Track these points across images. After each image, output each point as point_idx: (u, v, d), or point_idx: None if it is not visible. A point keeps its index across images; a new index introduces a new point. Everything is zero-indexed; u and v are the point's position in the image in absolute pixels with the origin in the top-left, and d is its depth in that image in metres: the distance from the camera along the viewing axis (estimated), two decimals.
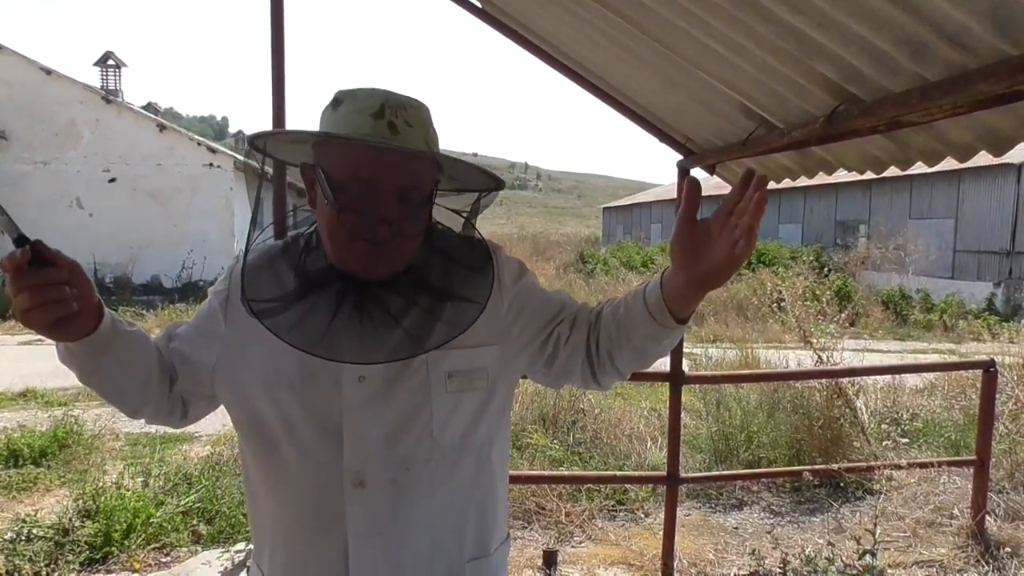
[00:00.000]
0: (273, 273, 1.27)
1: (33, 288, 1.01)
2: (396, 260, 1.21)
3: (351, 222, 1.17)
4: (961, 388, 6.95)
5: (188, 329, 1.35)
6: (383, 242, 1.17)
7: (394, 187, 1.16)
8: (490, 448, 1.33)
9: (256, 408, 1.26)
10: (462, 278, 1.26)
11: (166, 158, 18.49)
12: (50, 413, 6.51)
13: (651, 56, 2.77)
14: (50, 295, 1.02)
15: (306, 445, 1.23)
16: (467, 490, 1.29)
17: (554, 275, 20.68)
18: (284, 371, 1.23)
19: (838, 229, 24.63)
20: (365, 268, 1.20)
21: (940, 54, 1.63)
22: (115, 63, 19.76)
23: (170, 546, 4.14)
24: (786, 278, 8.95)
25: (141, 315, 13.88)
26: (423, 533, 1.25)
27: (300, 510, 1.25)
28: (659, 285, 1.19)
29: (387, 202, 1.16)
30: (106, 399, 1.26)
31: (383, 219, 1.15)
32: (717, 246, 1.07)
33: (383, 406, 1.22)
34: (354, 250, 1.19)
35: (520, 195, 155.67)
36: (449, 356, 1.24)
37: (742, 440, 5.61)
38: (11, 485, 5.01)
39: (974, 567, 4.04)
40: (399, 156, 1.16)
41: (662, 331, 1.21)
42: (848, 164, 2.76)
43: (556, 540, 4.37)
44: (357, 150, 1.17)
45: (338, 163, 1.18)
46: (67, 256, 1.05)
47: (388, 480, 1.22)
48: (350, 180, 1.16)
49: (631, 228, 42.00)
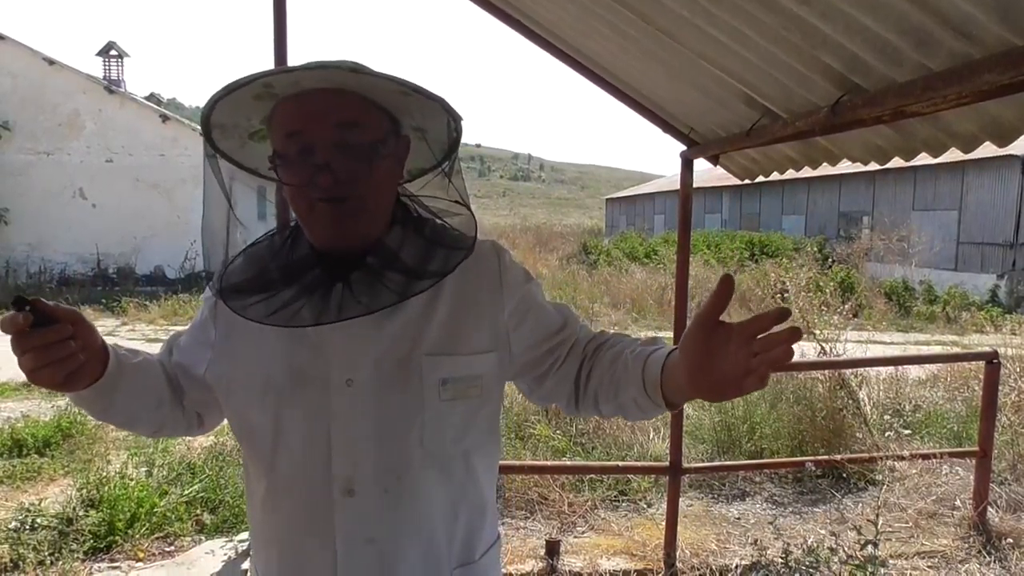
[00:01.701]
0: (253, 266, 1.25)
1: (38, 349, 1.00)
2: (361, 220, 1.17)
3: (291, 178, 1.14)
4: (964, 380, 6.96)
5: (187, 340, 1.35)
6: (335, 196, 1.13)
7: (327, 132, 1.12)
8: (481, 454, 1.31)
9: (247, 413, 1.25)
10: (438, 255, 1.21)
11: (169, 149, 18.47)
12: (53, 403, 6.53)
13: (654, 46, 2.76)
14: (56, 354, 1.02)
15: (295, 452, 1.21)
16: (457, 497, 1.27)
17: (557, 266, 20.67)
18: (272, 376, 1.21)
19: (841, 220, 24.57)
20: (331, 232, 1.16)
21: (945, 44, 1.62)
22: (117, 53, 19.72)
23: (174, 535, 4.16)
24: (789, 269, 8.93)
25: (144, 306, 13.91)
26: (414, 541, 1.23)
27: (292, 517, 1.24)
28: (661, 365, 1.14)
29: (321, 145, 1.12)
30: (122, 429, 1.28)
31: (320, 166, 1.11)
32: (729, 364, 0.98)
33: (373, 413, 1.19)
34: (316, 216, 1.16)
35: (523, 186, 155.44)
36: (444, 363, 1.21)
37: (744, 431, 5.62)
38: (15, 475, 5.03)
39: (976, 558, 4.04)
40: (321, 98, 1.11)
41: (649, 404, 1.18)
42: (852, 155, 2.76)
43: (559, 530, 4.39)
44: (283, 111, 1.14)
45: (276, 134, 1.16)
46: (66, 307, 1.04)
47: (378, 488, 1.20)
48: (285, 142, 1.14)
49: (634, 219, 41.97)
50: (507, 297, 1.28)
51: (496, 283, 1.28)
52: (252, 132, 1.24)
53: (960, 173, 19.34)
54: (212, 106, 1.14)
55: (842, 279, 13.98)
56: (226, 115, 1.18)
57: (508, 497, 4.70)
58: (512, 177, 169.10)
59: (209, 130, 1.20)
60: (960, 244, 19.57)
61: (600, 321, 12.38)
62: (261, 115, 1.19)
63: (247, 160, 1.30)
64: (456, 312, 1.24)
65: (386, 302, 1.14)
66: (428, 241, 1.24)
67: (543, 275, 17.67)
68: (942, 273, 19.03)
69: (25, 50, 17.96)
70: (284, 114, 1.14)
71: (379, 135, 1.17)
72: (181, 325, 12.94)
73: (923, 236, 18.73)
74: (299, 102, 1.13)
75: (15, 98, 17.73)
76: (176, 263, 18.17)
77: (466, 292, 1.25)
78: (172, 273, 18.12)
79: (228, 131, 1.23)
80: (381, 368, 1.19)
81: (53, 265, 17.81)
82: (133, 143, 18.28)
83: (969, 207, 19.34)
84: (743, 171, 3.71)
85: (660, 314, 13.71)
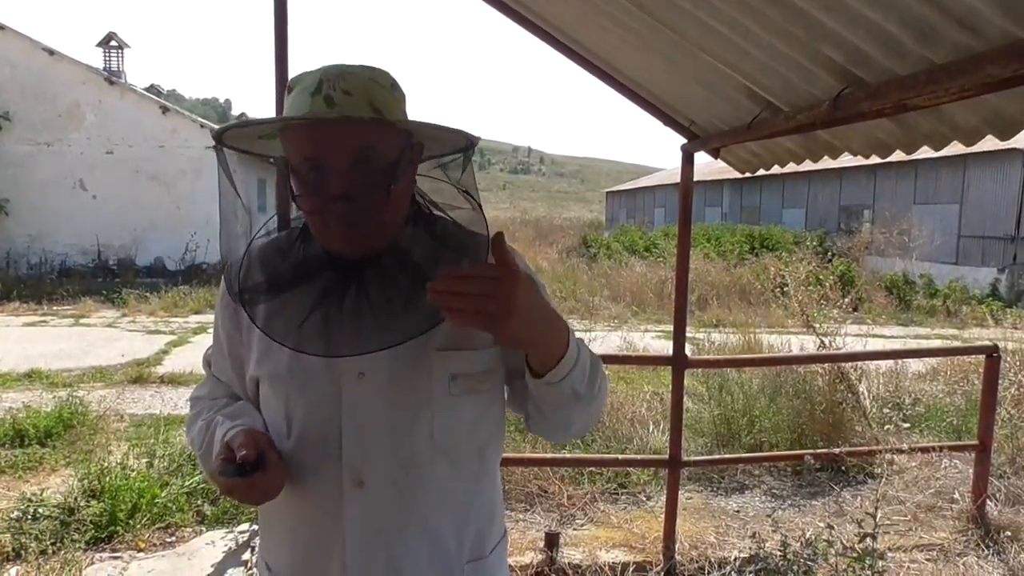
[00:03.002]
0: (267, 263, 1.26)
1: (247, 492, 1.15)
2: (374, 235, 1.17)
3: (310, 205, 1.15)
4: (963, 373, 6.95)
5: (216, 354, 1.40)
6: (349, 220, 1.13)
7: (343, 159, 1.11)
8: (490, 449, 1.32)
9: (263, 401, 1.29)
10: (452, 261, 1.20)
11: (169, 140, 18.44)
12: (55, 394, 6.54)
13: (656, 38, 2.75)
14: (265, 491, 1.16)
15: (307, 443, 1.22)
16: (466, 492, 1.28)
17: (557, 259, 20.67)
18: (285, 367, 1.23)
19: (842, 214, 24.55)
20: (347, 247, 1.17)
21: (948, 36, 1.62)
22: (118, 44, 19.68)
23: (175, 526, 4.18)
24: (789, 263, 8.94)
25: (145, 297, 13.93)
26: (422, 534, 1.23)
27: (302, 507, 1.25)
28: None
29: (337, 177, 1.12)
30: None
31: (335, 196, 1.11)
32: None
33: (383, 406, 1.20)
34: (331, 232, 1.16)
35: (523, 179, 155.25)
36: (454, 358, 1.22)
37: (744, 424, 5.63)
38: (17, 465, 5.04)
39: (974, 551, 4.06)
40: (338, 127, 1.12)
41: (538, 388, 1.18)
42: (853, 148, 2.75)
43: (558, 523, 4.40)
44: (299, 132, 1.14)
45: (291, 149, 1.16)
46: (262, 442, 1.17)
47: (387, 481, 1.21)
48: (302, 162, 1.14)
49: (635, 212, 41.91)
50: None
51: None
52: (262, 136, 1.25)
53: (961, 167, 19.31)
54: (224, 131, 1.17)
55: (842, 273, 13.96)
56: (236, 138, 1.23)
57: (508, 489, 4.70)
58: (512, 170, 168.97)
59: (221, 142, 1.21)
60: (961, 238, 19.55)
61: (600, 314, 12.40)
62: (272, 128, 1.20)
63: (257, 149, 1.31)
64: None
65: (414, 331, 1.13)
66: (441, 242, 1.24)
67: (543, 268, 17.68)
68: (943, 267, 19.02)
69: (25, 40, 17.93)
70: (299, 135, 1.14)
71: (396, 154, 1.16)
72: (181, 317, 12.98)
73: (924, 230, 18.73)
74: (315, 128, 1.13)
75: (15, 89, 17.71)
76: (176, 255, 18.18)
77: None
78: (172, 265, 18.13)
79: (239, 139, 1.25)
80: (393, 362, 1.19)
81: (54, 256, 17.82)
82: (133, 134, 18.26)
83: (970, 201, 19.31)
84: (744, 164, 3.71)
85: (660, 307, 13.71)
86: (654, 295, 14.55)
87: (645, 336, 10.87)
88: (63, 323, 12.17)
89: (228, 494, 1.15)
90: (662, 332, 11.34)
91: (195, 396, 1.43)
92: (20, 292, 14.34)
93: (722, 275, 16.00)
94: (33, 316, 12.83)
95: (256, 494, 1.15)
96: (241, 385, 1.34)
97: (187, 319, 12.68)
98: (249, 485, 1.12)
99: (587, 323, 10.36)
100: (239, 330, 1.30)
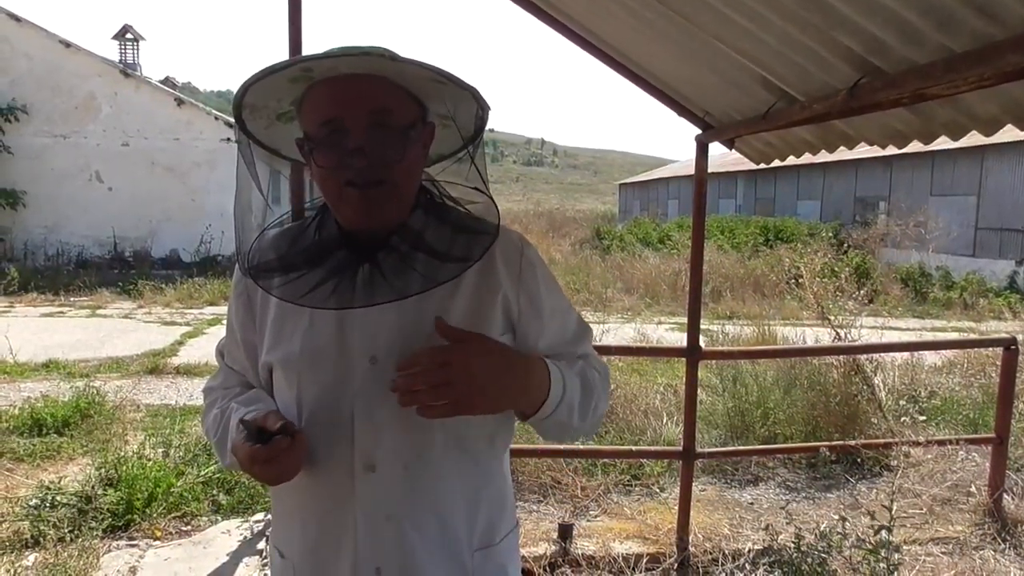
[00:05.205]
0: (281, 246, 1.28)
1: (266, 463, 1.15)
2: (391, 203, 1.20)
3: (326, 161, 1.16)
4: (980, 366, 6.90)
5: (229, 343, 1.41)
6: (369, 179, 1.15)
7: (361, 117, 1.14)
8: (500, 437, 1.33)
9: (275, 387, 1.31)
10: (462, 239, 1.23)
11: (184, 132, 18.53)
12: (72, 384, 6.59)
13: (669, 27, 2.73)
14: (286, 465, 1.16)
15: (318, 426, 1.23)
16: (478, 479, 1.29)
17: (570, 251, 20.63)
18: (296, 350, 1.24)
19: (858, 205, 24.34)
20: (362, 213, 1.18)
21: (967, 24, 1.60)
22: (133, 36, 19.79)
23: (190, 515, 4.21)
24: (804, 255, 8.87)
25: (160, 288, 14.02)
26: (433, 520, 1.24)
27: (314, 491, 1.26)
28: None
29: (356, 130, 1.14)
30: None
31: (352, 150, 1.14)
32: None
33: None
34: (347, 198, 1.18)
35: (536, 171, 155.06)
36: None
37: (758, 416, 5.61)
38: (35, 453, 5.10)
39: (990, 544, 4.03)
40: (358, 83, 1.14)
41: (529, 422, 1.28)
42: (870, 138, 2.73)
43: (571, 514, 4.40)
44: (317, 95, 1.16)
45: (309, 118, 1.18)
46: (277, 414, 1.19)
47: (399, 465, 1.22)
48: (320, 124, 1.16)
49: (648, 204, 41.76)
50: (521, 290, 1.29)
51: (516, 272, 1.29)
52: (280, 113, 1.26)
53: (979, 157, 19.10)
54: (249, 86, 1.15)
55: (857, 265, 13.86)
56: (259, 96, 1.19)
57: (521, 481, 4.71)
58: (525, 162, 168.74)
59: (240, 109, 1.21)
60: (978, 230, 19.36)
61: (613, 306, 12.38)
62: (292, 97, 1.21)
63: (271, 141, 1.32)
64: (479, 294, 1.26)
65: (416, 288, 1.16)
66: (451, 226, 1.26)
67: (556, 260, 17.65)
68: (959, 259, 18.85)
69: (41, 33, 18.02)
70: (318, 99, 1.17)
71: (410, 120, 1.19)
72: (196, 309, 13.06)
73: (940, 221, 18.53)
74: (333, 87, 1.15)
75: (32, 80, 17.82)
76: (191, 247, 18.27)
77: (488, 275, 1.27)
78: (187, 257, 18.22)
79: (258, 111, 1.25)
80: (405, 347, 1.19)
81: (70, 248, 17.96)
82: (148, 126, 18.35)
83: (988, 192, 19.11)
84: (759, 155, 3.68)
85: (673, 299, 13.68)
86: (667, 287, 14.51)
87: (659, 328, 10.85)
88: (80, 314, 12.28)
89: (248, 467, 1.17)
90: (675, 324, 11.32)
91: (209, 387, 1.45)
92: (37, 283, 14.48)
93: (736, 267, 15.92)
94: (50, 307, 12.95)
95: (276, 467, 1.15)
96: (254, 373, 1.36)
97: (202, 310, 12.76)
98: (270, 453, 1.13)
99: (601, 315, 10.34)
100: (252, 317, 1.32)
